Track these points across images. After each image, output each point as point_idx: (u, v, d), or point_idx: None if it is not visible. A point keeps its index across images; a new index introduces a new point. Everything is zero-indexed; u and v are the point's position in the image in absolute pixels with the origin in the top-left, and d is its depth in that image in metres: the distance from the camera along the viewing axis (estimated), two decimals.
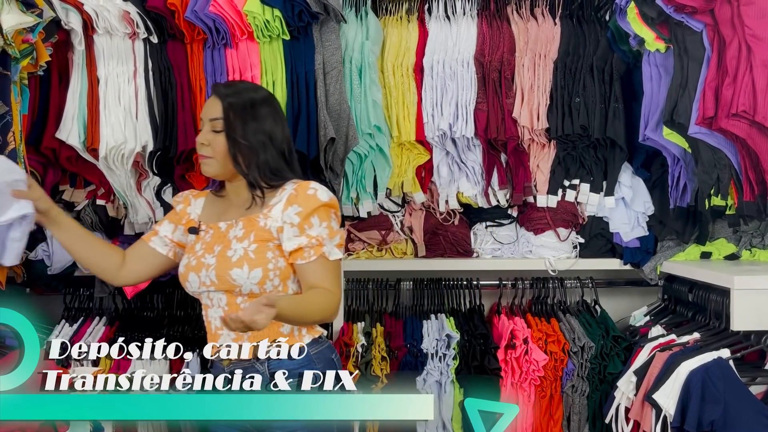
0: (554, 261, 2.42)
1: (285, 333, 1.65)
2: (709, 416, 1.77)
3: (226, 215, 1.72)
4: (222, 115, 1.68)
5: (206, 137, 1.69)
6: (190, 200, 1.82)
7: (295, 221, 1.62)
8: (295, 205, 1.63)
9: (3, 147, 1.87)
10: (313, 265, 1.63)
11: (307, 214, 1.62)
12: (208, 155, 1.69)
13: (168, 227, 1.80)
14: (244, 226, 1.66)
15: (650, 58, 2.18)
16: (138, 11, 2.10)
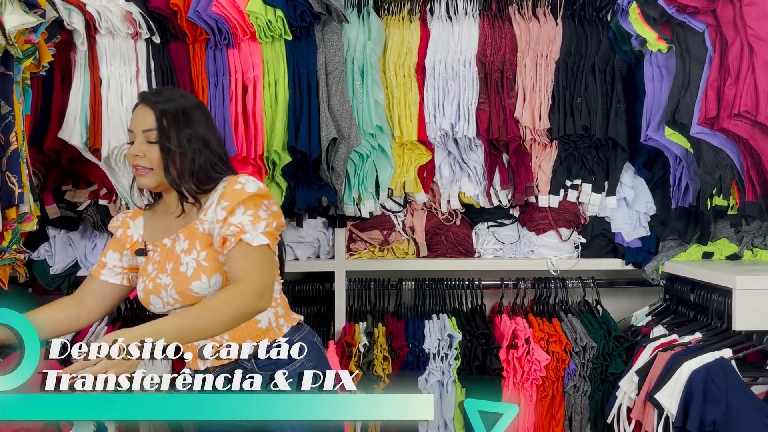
0: (556, 261, 2.42)
1: (263, 328, 1.63)
2: (711, 416, 1.77)
3: (168, 230, 1.67)
4: (155, 125, 1.63)
5: (141, 149, 1.63)
6: (128, 222, 1.76)
7: (221, 216, 1.56)
8: (223, 201, 1.57)
9: (5, 147, 1.87)
10: (234, 252, 1.54)
11: (233, 207, 1.55)
12: (146, 166, 1.63)
13: (113, 256, 1.75)
14: (186, 237, 1.62)
15: (652, 59, 2.18)
16: (140, 11, 2.10)
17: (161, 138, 1.62)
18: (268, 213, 1.58)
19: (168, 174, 1.62)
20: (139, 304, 2.38)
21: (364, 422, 2.21)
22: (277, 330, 1.65)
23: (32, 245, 2.26)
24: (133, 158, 1.65)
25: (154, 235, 1.70)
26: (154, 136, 1.63)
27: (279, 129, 2.16)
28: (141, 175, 1.65)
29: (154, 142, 1.63)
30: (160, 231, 1.70)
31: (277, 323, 1.65)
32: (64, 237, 2.29)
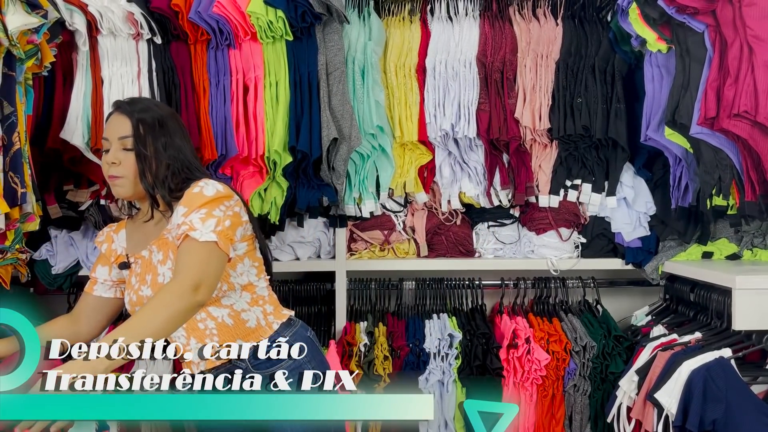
0: (556, 261, 2.43)
1: (252, 327, 1.63)
2: (711, 415, 1.78)
3: (145, 241, 1.68)
4: (132, 132, 1.63)
5: (116, 156, 1.62)
6: (111, 236, 1.76)
7: (179, 221, 1.54)
8: (181, 206, 1.55)
9: (8, 148, 1.88)
10: (180, 249, 1.51)
11: (189, 211, 1.53)
12: (120, 175, 1.62)
13: (103, 270, 1.76)
14: (159, 248, 1.62)
15: (652, 59, 2.19)
16: (142, 12, 2.11)
17: (137, 145, 1.62)
18: (224, 213, 1.55)
19: (143, 181, 1.61)
20: None
21: (364, 422, 2.22)
22: (267, 327, 1.64)
23: (34, 245, 2.26)
24: (108, 167, 1.64)
25: (136, 248, 1.70)
26: (130, 143, 1.62)
27: (280, 129, 2.17)
28: (114, 183, 1.64)
29: (130, 149, 1.62)
30: (140, 242, 1.70)
31: (266, 321, 1.65)
32: (66, 237, 2.29)
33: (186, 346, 1.63)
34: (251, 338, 1.62)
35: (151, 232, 1.69)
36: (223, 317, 1.62)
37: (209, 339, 1.62)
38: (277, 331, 1.64)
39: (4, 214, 1.88)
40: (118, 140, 1.64)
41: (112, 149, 1.64)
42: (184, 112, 2.17)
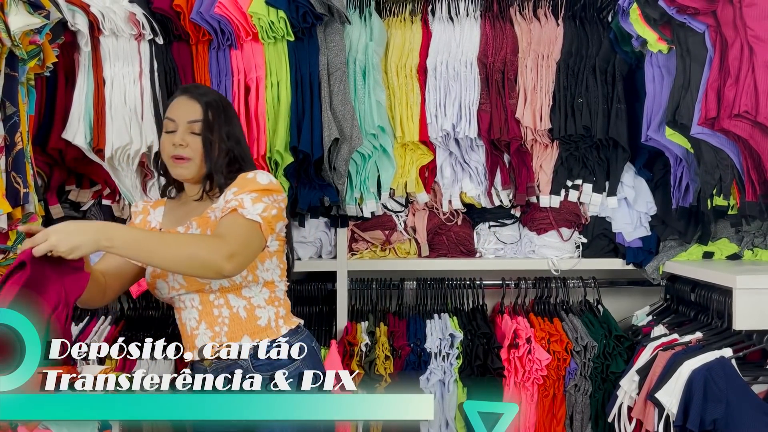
0: (557, 261, 2.43)
1: (262, 326, 1.64)
2: (712, 415, 1.78)
3: (183, 218, 1.70)
4: (202, 117, 1.66)
5: (184, 138, 1.65)
6: (148, 210, 1.79)
7: (229, 198, 1.58)
8: (233, 187, 1.60)
9: (11, 148, 1.88)
10: (224, 218, 1.55)
11: (240, 191, 1.58)
12: (188, 157, 1.66)
13: None
14: (198, 225, 1.65)
15: (653, 59, 2.19)
16: (144, 13, 2.11)
17: (206, 130, 1.66)
18: (272, 203, 1.59)
19: (207, 164, 1.66)
20: (142, 303, 2.42)
21: (365, 422, 2.22)
22: (276, 330, 1.66)
23: None
24: (173, 148, 1.67)
25: (171, 224, 1.73)
26: (199, 127, 1.66)
27: (281, 129, 2.17)
28: (179, 164, 1.68)
29: (198, 134, 1.66)
30: (176, 219, 1.73)
31: (276, 323, 1.66)
32: None
33: (195, 329, 1.65)
34: (258, 336, 1.63)
35: (191, 210, 1.71)
36: (239, 308, 1.63)
37: (219, 327, 1.63)
38: (283, 335, 1.66)
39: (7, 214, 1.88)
40: (187, 123, 1.67)
41: (180, 131, 1.67)
42: None
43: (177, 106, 1.70)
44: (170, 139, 1.68)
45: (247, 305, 1.64)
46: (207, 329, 1.64)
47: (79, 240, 1.36)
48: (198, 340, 1.65)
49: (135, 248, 1.42)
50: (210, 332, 1.63)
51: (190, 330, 1.66)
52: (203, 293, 1.63)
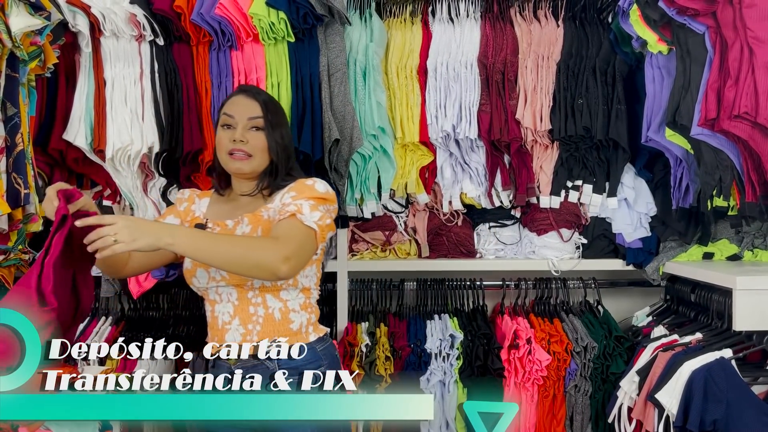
0: (557, 261, 2.43)
1: (294, 330, 1.67)
2: (712, 416, 1.78)
3: (233, 213, 1.74)
4: (262, 114, 1.71)
5: (244, 135, 1.70)
6: (194, 199, 1.83)
7: (286, 201, 1.63)
8: (291, 191, 1.65)
9: (12, 149, 1.89)
10: (283, 221, 1.59)
11: (299, 197, 1.63)
12: (248, 151, 1.70)
13: (174, 221, 1.80)
14: (250, 222, 1.68)
15: (653, 60, 2.19)
16: (144, 14, 2.12)
17: (268, 126, 1.70)
18: (326, 213, 1.65)
19: (268, 161, 1.71)
20: (143, 304, 2.42)
21: (365, 422, 2.22)
22: (305, 336, 1.69)
23: (37, 246, 2.27)
24: (231, 143, 1.70)
25: (217, 216, 1.76)
26: (261, 123, 1.70)
27: None
28: (239, 159, 1.70)
29: (261, 129, 1.70)
30: (224, 213, 1.76)
31: (306, 329, 1.69)
32: None
33: (227, 324, 1.67)
34: (290, 340, 1.64)
35: (241, 206, 1.74)
36: (275, 310, 1.66)
37: (252, 325, 1.65)
38: (311, 342, 1.68)
39: (7, 215, 1.89)
40: (247, 120, 1.71)
41: (239, 128, 1.70)
42: (185, 114, 2.18)
43: (235, 104, 1.74)
44: (229, 135, 1.71)
45: (283, 308, 1.67)
46: (240, 325, 1.66)
47: (142, 233, 1.41)
48: (229, 335, 1.67)
49: (194, 248, 1.47)
50: (242, 329, 1.66)
51: (221, 324, 1.68)
52: (243, 288, 1.66)
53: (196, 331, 2.34)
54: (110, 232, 1.40)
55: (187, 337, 2.30)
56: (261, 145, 1.70)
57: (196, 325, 2.36)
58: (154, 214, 2.25)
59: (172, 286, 2.41)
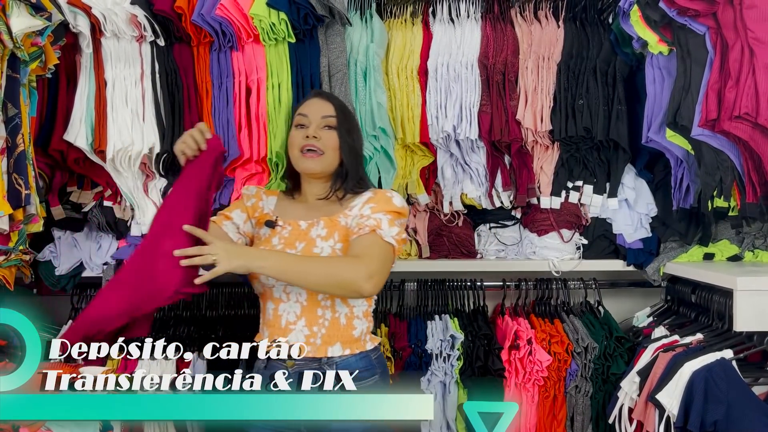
0: (558, 262, 2.43)
1: (355, 336, 1.69)
2: (712, 416, 1.78)
3: (307, 215, 1.75)
4: (335, 113, 1.74)
5: (317, 132, 1.73)
6: (262, 196, 1.85)
7: (365, 213, 1.68)
8: (371, 203, 1.69)
9: (12, 149, 1.89)
10: (363, 237, 1.64)
11: (377, 210, 1.68)
12: (320, 148, 1.73)
13: (240, 216, 1.82)
14: (326, 226, 1.70)
15: (653, 61, 2.19)
16: (145, 14, 2.12)
17: (341, 126, 1.74)
18: (401, 227, 1.70)
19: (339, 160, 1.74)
20: None
21: None
22: (363, 344, 1.71)
23: (37, 246, 2.28)
24: (305, 139, 1.73)
25: (287, 215, 1.78)
26: (334, 122, 1.74)
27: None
28: (310, 157, 1.73)
29: (333, 128, 1.74)
30: (294, 213, 1.78)
31: (365, 337, 1.72)
32: (69, 238, 2.30)
33: (292, 324, 1.68)
34: (349, 346, 1.67)
35: (314, 207, 1.77)
36: (341, 315, 1.68)
37: (317, 327, 1.67)
38: (367, 350, 1.70)
39: (8, 216, 1.89)
40: (321, 118, 1.75)
41: (313, 125, 1.75)
42: (186, 114, 2.18)
43: (309, 104, 1.79)
44: (302, 133, 1.75)
45: (349, 314, 1.69)
46: (305, 327, 1.67)
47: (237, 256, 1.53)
48: (292, 335, 1.68)
49: (283, 270, 1.56)
50: (307, 330, 1.67)
51: (285, 323, 1.69)
52: (312, 292, 1.67)
53: (196, 331, 2.34)
54: (211, 252, 1.51)
55: (188, 338, 2.30)
56: (332, 144, 1.74)
57: (197, 326, 2.36)
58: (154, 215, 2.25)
59: None
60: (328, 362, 1.65)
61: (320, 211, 1.75)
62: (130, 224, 2.29)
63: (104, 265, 2.29)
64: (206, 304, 2.43)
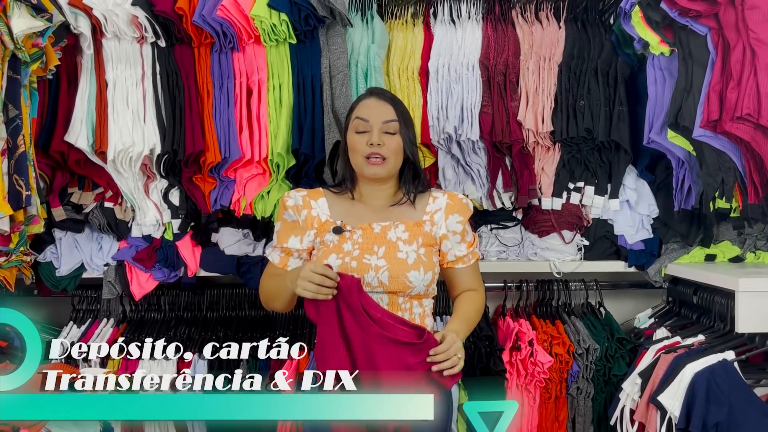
0: (559, 263, 2.42)
1: None
2: (714, 418, 1.77)
3: (377, 216, 1.75)
4: (396, 116, 1.73)
5: (381, 138, 1.72)
6: (309, 203, 1.80)
7: (457, 229, 1.78)
8: (456, 214, 1.79)
9: (13, 150, 1.89)
10: (470, 268, 1.82)
11: (464, 221, 1.79)
12: (384, 155, 1.73)
13: (295, 241, 1.79)
14: (407, 229, 1.70)
15: (655, 62, 2.19)
16: (146, 15, 2.12)
17: (402, 126, 1.73)
18: None
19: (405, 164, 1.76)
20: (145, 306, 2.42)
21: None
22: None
23: (38, 247, 2.27)
24: (369, 147, 1.73)
25: (351, 218, 1.76)
26: (395, 127, 1.72)
27: (283, 132, 2.17)
28: (375, 164, 1.73)
29: (393, 134, 1.73)
30: (360, 215, 1.77)
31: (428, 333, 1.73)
32: (70, 239, 2.30)
33: None
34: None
35: (381, 208, 1.77)
36: (416, 315, 1.72)
37: None
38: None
39: (9, 217, 1.89)
40: (382, 123, 1.73)
41: (375, 131, 1.73)
42: (187, 115, 2.18)
43: (368, 107, 1.77)
44: (365, 139, 1.74)
45: (422, 313, 1.73)
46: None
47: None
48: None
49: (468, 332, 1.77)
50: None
51: None
52: (395, 295, 1.69)
53: (197, 332, 2.33)
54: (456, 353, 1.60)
55: (188, 339, 2.30)
56: (396, 147, 1.75)
57: (197, 327, 2.36)
58: (155, 216, 2.25)
59: (173, 288, 2.41)
60: None
61: (392, 213, 1.76)
62: (130, 225, 2.29)
63: (105, 266, 2.29)
64: (207, 305, 2.43)
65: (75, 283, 2.31)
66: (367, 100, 1.81)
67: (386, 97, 1.82)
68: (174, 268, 2.27)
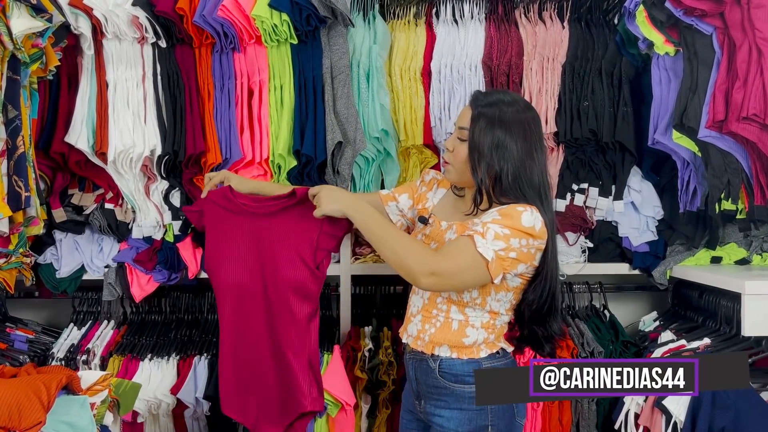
0: (563, 265, 2.40)
1: (465, 344, 1.64)
2: (720, 422, 1.76)
3: (451, 216, 1.73)
4: (469, 124, 1.63)
5: (452, 143, 1.68)
6: (434, 186, 1.85)
7: (485, 220, 1.54)
8: (498, 215, 1.54)
9: (13, 151, 1.88)
10: (460, 238, 1.55)
11: (498, 221, 1.52)
12: (449, 162, 1.68)
13: (407, 201, 1.85)
14: (457, 230, 1.67)
15: (659, 62, 2.17)
16: (147, 16, 2.11)
17: (471, 138, 1.63)
18: (520, 247, 1.52)
19: (474, 174, 1.62)
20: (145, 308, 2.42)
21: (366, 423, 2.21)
22: (476, 351, 1.65)
23: (38, 249, 2.27)
24: (443, 151, 1.72)
25: (440, 212, 1.77)
26: (465, 134, 1.66)
27: (284, 133, 2.16)
28: (444, 167, 1.72)
29: (463, 140, 1.66)
30: (445, 212, 1.77)
31: (479, 346, 1.65)
32: (71, 240, 2.29)
33: (413, 315, 1.72)
34: (457, 352, 1.64)
35: (457, 212, 1.73)
36: (454, 321, 1.65)
37: (429, 325, 1.67)
38: (479, 357, 1.64)
39: (8, 218, 1.88)
40: (458, 129, 1.68)
41: (452, 136, 1.70)
42: (188, 116, 2.17)
43: (462, 112, 1.70)
44: (445, 143, 1.72)
45: (463, 321, 1.65)
46: (420, 321, 1.69)
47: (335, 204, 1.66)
48: (411, 326, 1.72)
49: (367, 230, 1.62)
50: (420, 326, 1.69)
51: (410, 313, 1.74)
52: (434, 293, 1.67)
53: (198, 334, 2.32)
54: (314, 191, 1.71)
55: (189, 341, 2.29)
56: (461, 158, 1.64)
57: (198, 329, 2.35)
58: (155, 217, 2.24)
59: (174, 290, 2.41)
60: (432, 358, 1.65)
61: (460, 216, 1.71)
62: (131, 227, 2.28)
63: (105, 267, 2.28)
64: (208, 307, 2.42)
65: (75, 284, 2.30)
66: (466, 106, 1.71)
67: (476, 102, 1.66)
68: (175, 270, 2.26)
